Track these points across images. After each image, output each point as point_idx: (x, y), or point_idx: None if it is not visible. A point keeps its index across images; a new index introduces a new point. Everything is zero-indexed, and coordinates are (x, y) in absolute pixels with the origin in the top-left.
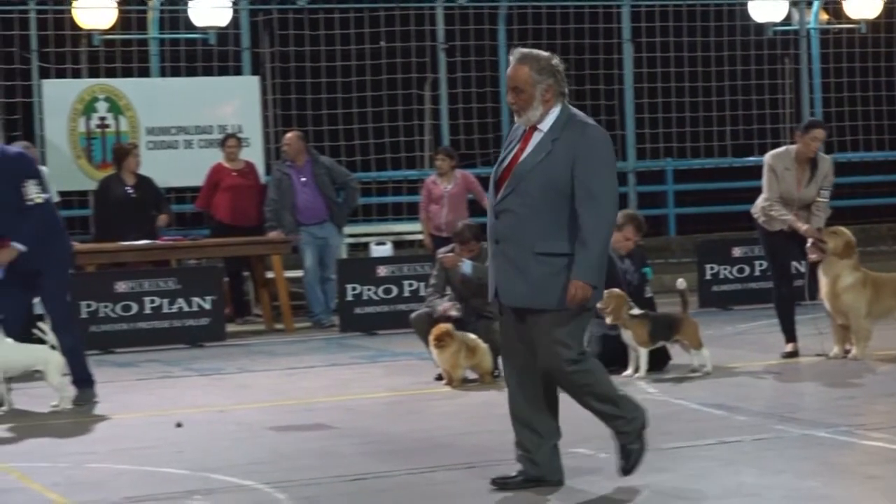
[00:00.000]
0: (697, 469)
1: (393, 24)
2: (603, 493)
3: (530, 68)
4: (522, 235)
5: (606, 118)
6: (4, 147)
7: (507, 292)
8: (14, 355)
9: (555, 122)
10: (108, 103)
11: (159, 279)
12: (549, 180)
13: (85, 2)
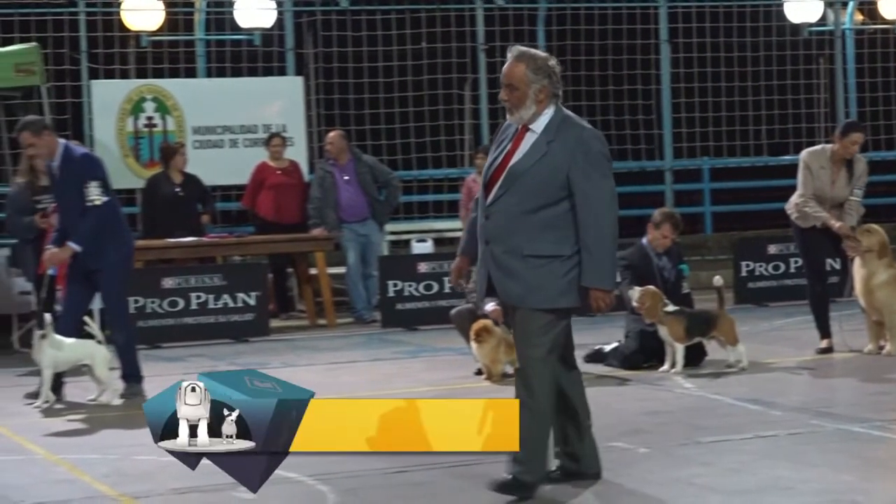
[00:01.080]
0: (733, 463)
1: (434, 26)
2: (639, 486)
3: (526, 66)
4: (511, 237)
5: (644, 118)
6: (71, 147)
7: (503, 291)
8: (62, 351)
9: (548, 124)
10: (156, 103)
11: (205, 275)
12: (544, 183)
13: (133, 4)
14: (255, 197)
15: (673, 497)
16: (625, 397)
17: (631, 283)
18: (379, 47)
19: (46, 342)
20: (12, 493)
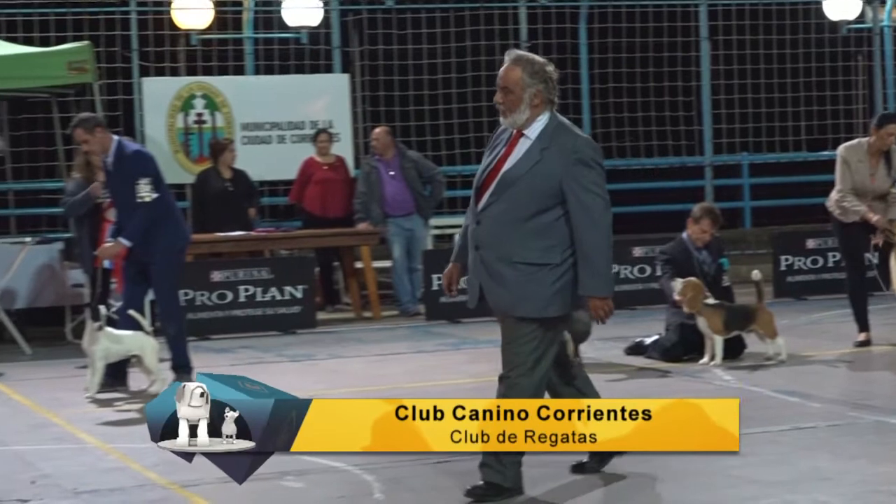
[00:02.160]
0: (772, 454)
1: (477, 24)
2: (679, 476)
3: (522, 70)
4: (503, 243)
5: (684, 114)
6: (124, 144)
7: (492, 299)
8: (114, 343)
9: (543, 130)
10: (205, 100)
11: (253, 269)
12: (536, 190)
13: (183, 3)
14: (303, 192)
15: (712, 487)
16: (665, 389)
17: (672, 277)
18: (423, 45)
19: (101, 334)
20: (65, 482)
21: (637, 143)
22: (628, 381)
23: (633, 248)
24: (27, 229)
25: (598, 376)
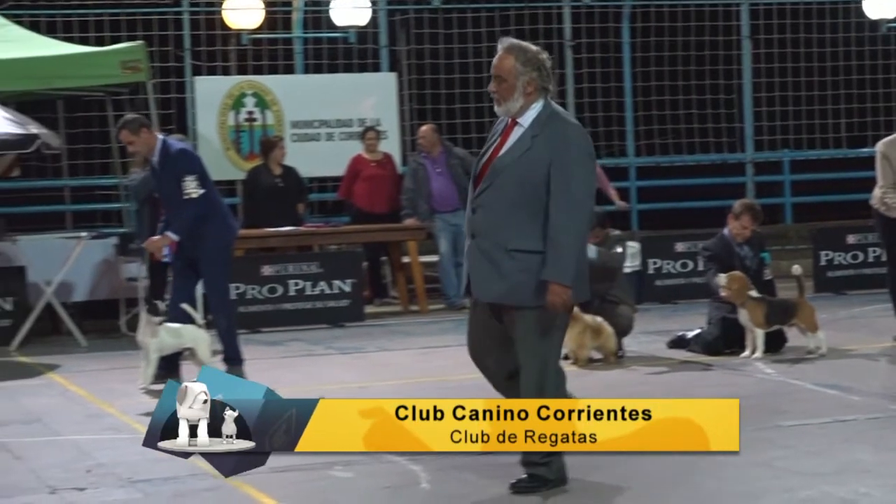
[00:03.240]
0: (813, 446)
1: (522, 23)
2: (720, 468)
3: (515, 59)
4: (497, 231)
5: (726, 111)
6: (169, 143)
7: (481, 288)
8: (169, 336)
9: (536, 118)
10: (256, 98)
11: (303, 263)
12: (527, 177)
13: (235, 3)
14: (351, 188)
15: (753, 479)
16: (707, 382)
17: (716, 273)
18: (469, 44)
19: (160, 327)
20: (120, 471)
21: (679, 141)
22: (670, 373)
23: (675, 243)
24: (83, 224)
25: (640, 369)
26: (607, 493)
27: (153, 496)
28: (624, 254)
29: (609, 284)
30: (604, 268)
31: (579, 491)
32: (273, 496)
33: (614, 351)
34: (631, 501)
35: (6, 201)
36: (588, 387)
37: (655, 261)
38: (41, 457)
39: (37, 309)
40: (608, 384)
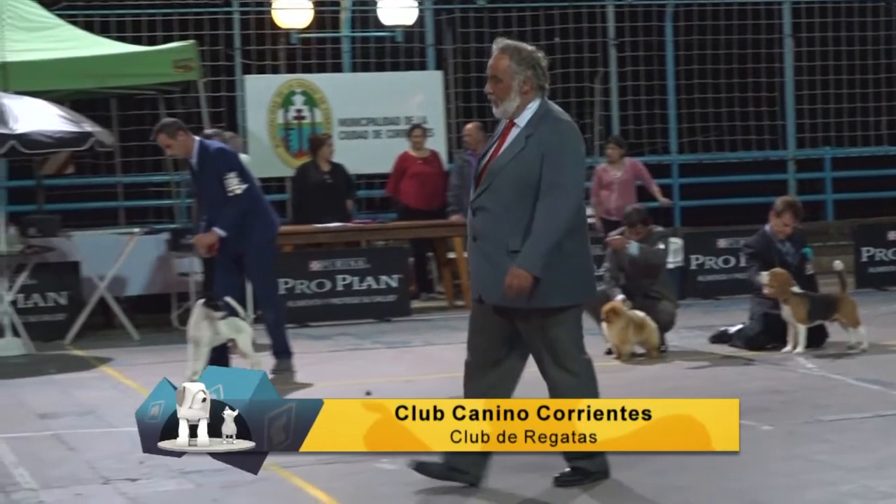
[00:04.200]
0: (854, 440)
1: (566, 22)
2: (762, 462)
3: (510, 58)
4: (497, 233)
5: (768, 109)
6: (206, 143)
7: (487, 289)
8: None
9: (531, 118)
10: (305, 97)
11: (350, 259)
12: (521, 177)
13: (284, 3)
14: (398, 185)
15: (795, 472)
16: (749, 377)
17: (758, 271)
18: None
19: (212, 322)
20: (172, 462)
21: (722, 138)
22: (712, 368)
23: (717, 239)
24: (135, 221)
25: (682, 363)
26: (651, 487)
27: (204, 487)
28: (666, 250)
29: (651, 280)
30: (646, 264)
31: (624, 484)
32: (320, 487)
33: (657, 346)
34: (676, 494)
35: (61, 198)
36: (630, 381)
37: (698, 257)
38: (95, 448)
39: (90, 303)
40: (650, 378)
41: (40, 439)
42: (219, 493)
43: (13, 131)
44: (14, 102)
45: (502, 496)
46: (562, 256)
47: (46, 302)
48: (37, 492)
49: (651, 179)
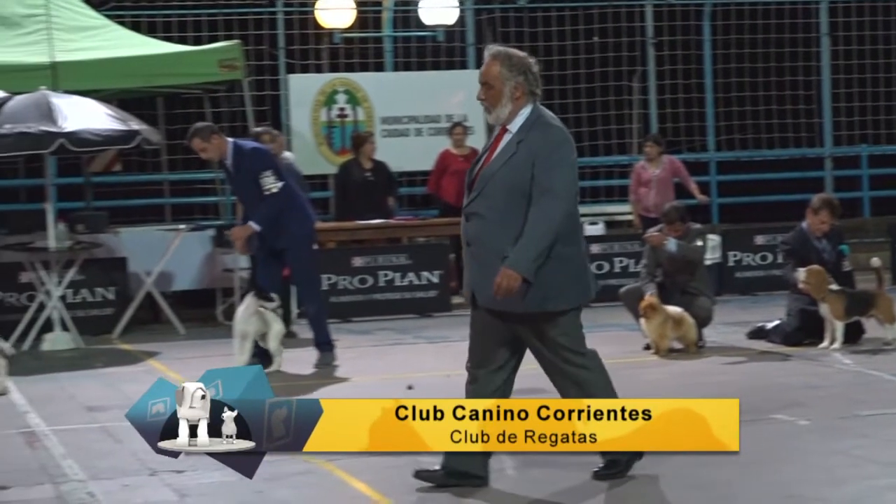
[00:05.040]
0: (891, 435)
1: (605, 21)
2: (800, 456)
3: (501, 65)
4: (490, 239)
5: (805, 107)
6: (240, 144)
7: (483, 295)
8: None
9: (523, 124)
10: (347, 95)
11: (392, 255)
12: (513, 183)
13: (327, 3)
14: (439, 182)
15: (832, 467)
16: (786, 372)
17: (794, 267)
18: (553, 42)
19: (259, 315)
20: None
21: (759, 136)
22: (750, 363)
23: (754, 236)
24: (181, 217)
25: (720, 359)
26: (690, 480)
27: (248, 479)
28: (704, 247)
29: (689, 277)
30: (684, 260)
31: (663, 477)
32: (362, 480)
33: (695, 341)
34: (715, 488)
35: (108, 195)
36: (668, 376)
37: (735, 253)
38: (141, 440)
39: (137, 298)
40: (688, 373)
41: (88, 431)
42: (263, 484)
43: (62, 129)
44: (63, 101)
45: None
46: (559, 261)
47: (94, 297)
48: (85, 483)
49: (689, 177)
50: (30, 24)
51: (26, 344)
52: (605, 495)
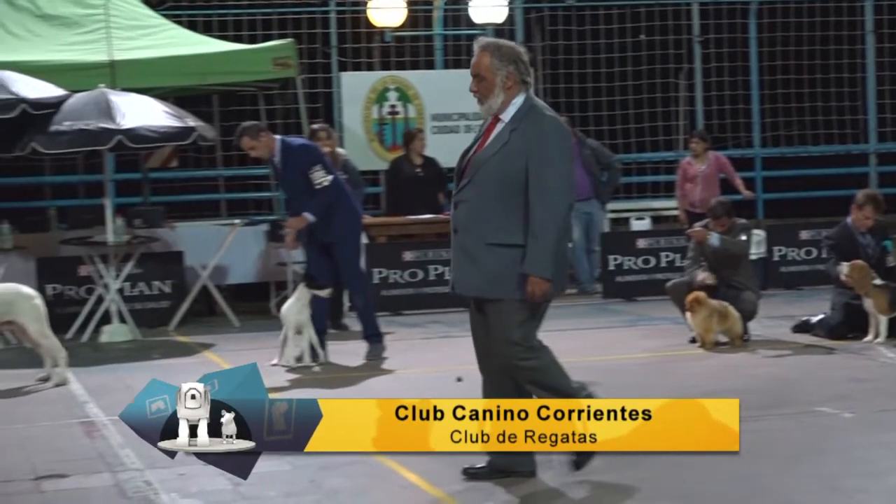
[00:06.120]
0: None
1: (652, 20)
2: (844, 448)
3: (491, 55)
4: (477, 226)
5: (850, 104)
6: (288, 141)
7: (461, 282)
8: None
9: (516, 113)
10: (398, 93)
11: (442, 249)
12: (505, 171)
13: (379, 2)
14: None
15: (875, 459)
16: (830, 365)
17: (837, 262)
18: (601, 40)
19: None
20: None
21: (804, 132)
22: (794, 356)
23: (799, 231)
24: (236, 212)
25: (765, 352)
26: (733, 471)
27: (301, 468)
28: (749, 241)
29: (733, 271)
30: (727, 254)
31: (708, 467)
32: (413, 470)
33: (740, 334)
34: (759, 479)
35: (165, 190)
36: (713, 368)
37: (780, 248)
38: None
39: (193, 291)
40: (733, 366)
41: None
42: (316, 473)
43: (120, 126)
44: (121, 99)
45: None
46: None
47: (151, 290)
48: (142, 472)
49: (734, 173)
50: (89, 24)
51: (85, 336)
52: (644, 486)
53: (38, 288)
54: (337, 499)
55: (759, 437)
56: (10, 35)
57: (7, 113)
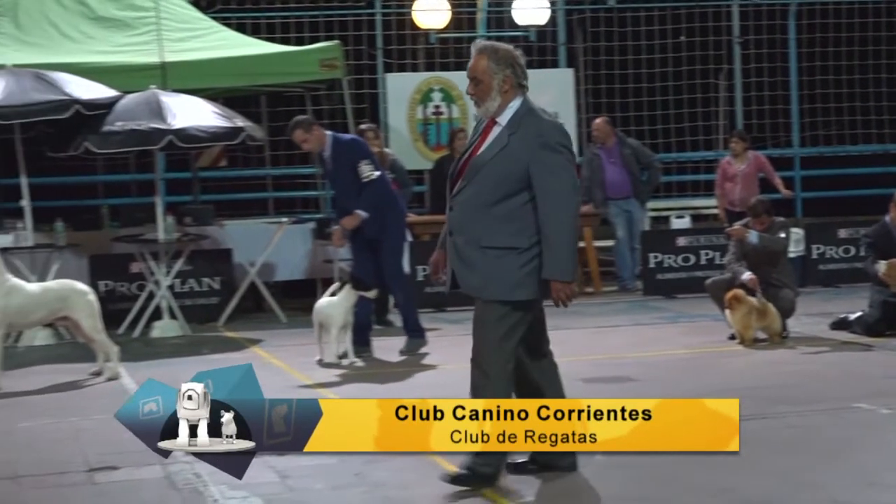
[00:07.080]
0: None
1: (693, 21)
2: (881, 444)
3: (488, 59)
4: (472, 228)
5: (888, 104)
6: (338, 136)
7: (463, 282)
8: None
9: (513, 116)
10: (442, 94)
11: None
12: (504, 174)
13: (423, 4)
14: None
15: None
16: (868, 362)
17: (875, 260)
18: (642, 41)
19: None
20: None
21: (843, 132)
22: (832, 353)
23: (838, 229)
24: (284, 210)
25: (804, 349)
26: (774, 466)
27: (347, 461)
28: (787, 239)
29: (772, 268)
30: (765, 252)
31: (748, 460)
32: (456, 464)
33: (779, 331)
34: (799, 473)
35: (215, 189)
36: (752, 364)
37: (819, 246)
38: None
39: (241, 288)
40: (772, 362)
41: None
42: (361, 466)
43: (171, 127)
44: (171, 99)
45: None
46: (528, 253)
47: (201, 286)
48: (192, 464)
49: (773, 172)
50: (140, 26)
51: (136, 331)
52: (685, 481)
53: (91, 284)
54: (382, 492)
55: (796, 432)
56: (64, 37)
57: (61, 113)
